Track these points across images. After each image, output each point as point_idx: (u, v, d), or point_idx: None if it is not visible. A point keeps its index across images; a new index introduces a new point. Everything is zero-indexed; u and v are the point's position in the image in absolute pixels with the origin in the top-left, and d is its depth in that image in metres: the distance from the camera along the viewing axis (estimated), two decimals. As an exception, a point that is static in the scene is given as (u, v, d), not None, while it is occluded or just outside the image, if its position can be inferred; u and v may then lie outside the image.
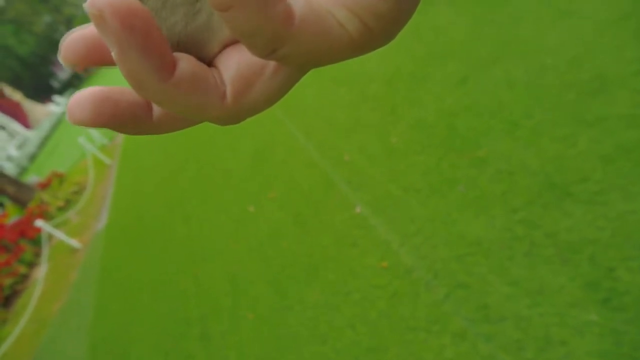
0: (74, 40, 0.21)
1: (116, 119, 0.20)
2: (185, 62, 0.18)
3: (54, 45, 39.14)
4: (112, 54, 0.17)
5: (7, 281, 5.80)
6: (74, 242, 5.70)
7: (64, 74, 42.29)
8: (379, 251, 2.29)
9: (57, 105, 26.87)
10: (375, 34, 0.18)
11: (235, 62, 0.19)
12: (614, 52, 2.13)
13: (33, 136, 23.21)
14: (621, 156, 1.74)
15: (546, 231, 1.74)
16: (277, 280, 2.68)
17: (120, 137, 9.04)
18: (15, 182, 7.99)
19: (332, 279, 2.38)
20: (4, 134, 22.87)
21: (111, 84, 0.21)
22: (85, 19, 36.50)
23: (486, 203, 2.03)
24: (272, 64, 0.19)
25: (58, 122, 24.23)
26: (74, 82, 39.00)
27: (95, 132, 9.23)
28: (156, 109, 0.21)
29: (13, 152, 20.52)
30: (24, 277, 5.98)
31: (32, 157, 19.09)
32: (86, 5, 0.16)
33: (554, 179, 1.87)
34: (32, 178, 9.73)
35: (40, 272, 5.52)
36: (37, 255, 6.10)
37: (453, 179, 2.29)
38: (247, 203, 3.60)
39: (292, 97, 4.48)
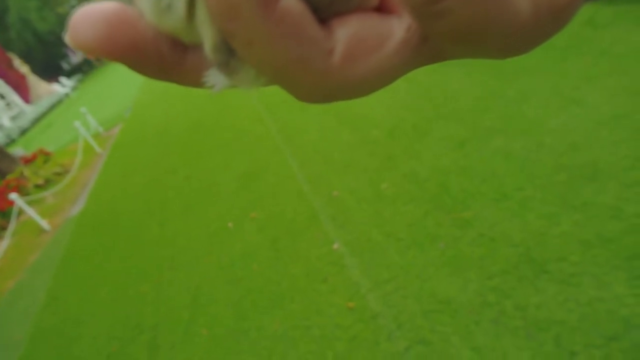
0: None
1: (135, 50, 0.16)
2: (293, 0, 0.15)
3: (74, 29, 39.44)
4: None
5: (-36, 248, 5.58)
6: (44, 223, 5.55)
7: (76, 58, 42.53)
8: (348, 291, 2.25)
9: (62, 87, 26.82)
10: (541, 25, 0.15)
11: (357, 23, 0.16)
12: (609, 145, 2.20)
13: (30, 111, 23.02)
14: (600, 244, 1.76)
15: (517, 303, 1.73)
16: (240, 302, 2.61)
17: (116, 129, 9.00)
18: (0, 150, 7.85)
19: (295, 310, 2.33)
20: (2, 103, 22.67)
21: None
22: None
23: (463, 264, 2.03)
24: (399, 36, 0.16)
25: (58, 102, 24.11)
26: (84, 68, 39.16)
27: (92, 119, 9.18)
28: (187, 52, 0.17)
29: (6, 122, 20.28)
30: (-18, 249, 5.76)
31: (24, 131, 18.85)
32: None
33: (533, 254, 1.88)
34: (17, 150, 9.58)
35: (1, 247, 5.33)
36: (3, 229, 5.91)
37: (435, 235, 2.30)
38: (227, 219, 3.56)
39: (293, 128, 4.53)
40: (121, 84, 16.51)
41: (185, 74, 0.18)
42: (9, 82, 25.44)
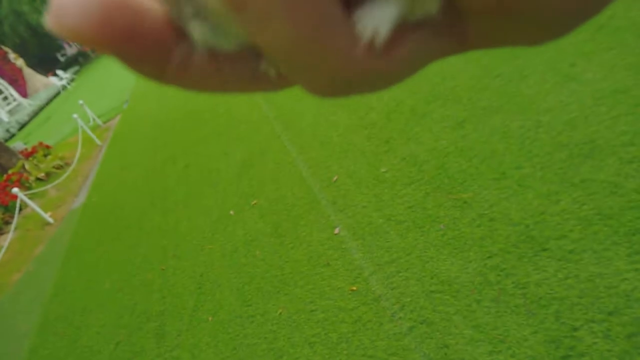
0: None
1: (132, 40, 0.13)
2: None
3: (67, 20, 39.02)
4: None
5: (-30, 243, 5.62)
6: (47, 216, 5.58)
7: (71, 50, 42.15)
8: (350, 275, 2.27)
9: (59, 79, 26.65)
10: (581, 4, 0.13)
11: None
12: (608, 121, 2.20)
13: (27, 104, 22.93)
14: (600, 221, 1.77)
15: (517, 281, 1.75)
16: (244, 288, 2.64)
17: (115, 120, 8.98)
18: (0, 145, 7.85)
19: (298, 295, 2.36)
20: (-1, 98, 22.58)
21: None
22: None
23: (463, 245, 2.05)
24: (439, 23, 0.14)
25: (56, 95, 23.99)
26: (80, 60, 38.84)
27: (90, 111, 9.15)
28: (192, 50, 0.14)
29: (4, 116, 20.22)
30: (-12, 243, 5.81)
31: (23, 125, 18.80)
32: None
33: (533, 232, 1.89)
34: (17, 144, 9.57)
35: (6, 240, 5.37)
36: (7, 223, 5.94)
37: (435, 216, 2.31)
38: (228, 206, 3.58)
39: (291, 113, 4.51)
40: (118, 75, 16.40)
41: (188, 74, 0.15)
42: (4, 76, 25.30)
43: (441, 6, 0.14)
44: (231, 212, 3.48)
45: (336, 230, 2.63)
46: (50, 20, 0.12)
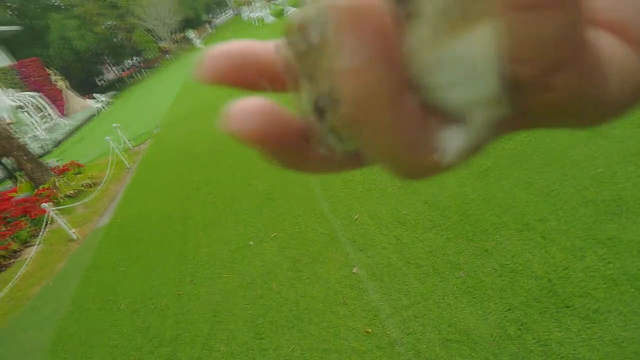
0: (219, 54, 0.20)
1: (281, 141, 0.19)
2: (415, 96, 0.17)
3: (109, 47, 41.17)
4: (343, 57, 0.15)
5: (-4, 253, 5.78)
6: (72, 232, 5.72)
7: (110, 75, 44.16)
8: (366, 316, 2.25)
9: (96, 102, 27.80)
10: (624, 101, 0.17)
11: None
12: (635, 180, 2.18)
13: (64, 124, 23.89)
14: (626, 281, 1.73)
15: (538, 337, 1.71)
16: (259, 320, 2.64)
17: (145, 145, 9.27)
18: (35, 160, 8.16)
19: (313, 332, 2.34)
20: (38, 116, 23.61)
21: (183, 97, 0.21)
22: (142, 35, 38.54)
23: (483, 295, 2.02)
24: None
25: (91, 117, 24.98)
26: (117, 85, 40.58)
27: (122, 134, 9.49)
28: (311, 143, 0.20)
29: (41, 133, 21.08)
30: (14, 254, 5.96)
31: (58, 143, 19.54)
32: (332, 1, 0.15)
33: (556, 287, 1.86)
34: (51, 161, 9.94)
35: (30, 253, 5.51)
36: (34, 236, 6.11)
37: (456, 263, 2.29)
38: (248, 237, 3.61)
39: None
40: (151, 101, 17.03)
41: (312, 163, 0.21)
42: (46, 95, 26.56)
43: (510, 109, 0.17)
44: (251, 243, 3.51)
45: (354, 270, 2.63)
46: (226, 125, 0.18)
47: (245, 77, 0.21)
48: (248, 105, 0.18)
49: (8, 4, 36.43)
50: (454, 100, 0.17)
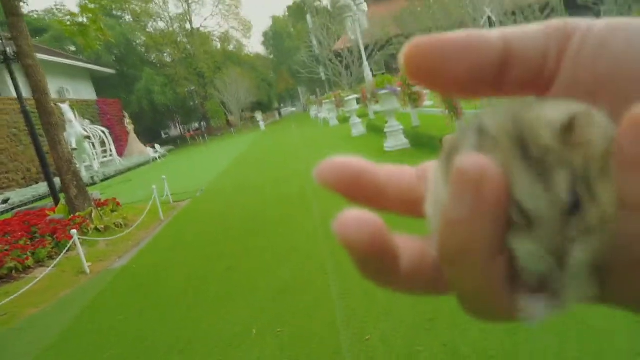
0: (335, 164, 0.23)
1: (381, 256, 0.20)
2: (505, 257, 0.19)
3: (182, 107, 44.61)
4: (450, 214, 0.19)
5: (10, 263, 5.84)
6: (87, 265, 5.74)
7: (175, 131, 47.26)
8: None
9: (154, 152, 29.49)
10: None
11: None
12: None
13: (119, 162, 25.26)
14: None
15: None
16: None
17: (184, 203, 9.54)
18: (81, 188, 8.53)
19: None
20: (99, 149, 25.20)
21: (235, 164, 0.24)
22: (215, 105, 41.72)
23: None
24: None
25: (145, 163, 26.33)
26: (178, 142, 43.19)
27: (167, 187, 9.86)
28: (404, 262, 0.22)
29: (96, 165, 22.31)
30: (24, 270, 6.00)
31: (107, 178, 20.52)
32: (462, 161, 0.18)
33: None
34: (95, 193, 10.35)
35: (42, 274, 5.53)
36: (51, 258, 6.18)
37: (463, 422, 2.07)
38: (253, 324, 3.48)
39: (344, 253, 4.54)
40: (203, 165, 17.86)
41: (402, 282, 0.23)
42: (113, 133, 28.57)
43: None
44: (253, 331, 3.37)
45: (352, 394, 2.43)
46: (336, 231, 0.20)
47: (358, 191, 0.23)
48: (358, 217, 0.20)
49: (114, 52, 41.07)
50: (546, 281, 0.19)
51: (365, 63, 22.19)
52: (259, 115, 36.97)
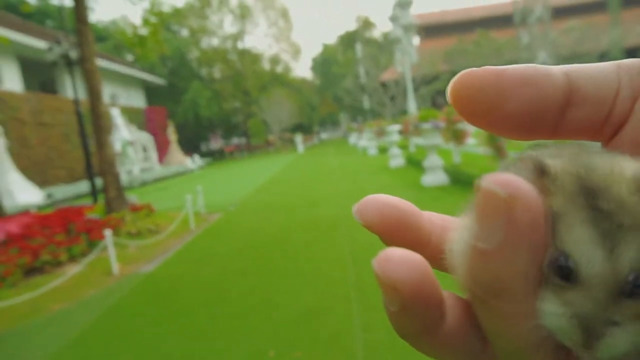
0: (379, 202, 0.21)
1: (424, 307, 0.18)
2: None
3: (225, 122, 45.83)
4: (482, 244, 0.16)
5: (45, 257, 6.01)
6: (115, 267, 5.84)
7: (215, 144, 48.52)
8: None
9: (192, 162, 30.27)
10: None
11: None
12: None
13: (156, 170, 26.04)
14: None
15: None
16: None
17: (216, 216, 9.64)
18: (120, 190, 8.79)
19: None
20: (141, 155, 26.10)
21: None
22: (257, 123, 42.78)
23: None
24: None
25: (183, 173, 27.03)
26: (217, 155, 44.23)
27: (201, 199, 10.02)
28: (449, 322, 0.19)
29: (136, 170, 23.08)
30: (57, 264, 6.16)
31: (144, 183, 21.15)
32: (488, 184, 0.16)
33: None
34: (131, 197, 10.65)
35: (71, 271, 5.65)
36: (83, 255, 6.33)
37: None
38: (272, 346, 3.39)
39: (372, 285, 4.40)
40: (239, 181, 18.13)
41: (443, 343, 0.19)
42: (156, 141, 29.58)
43: None
44: (271, 354, 3.28)
45: None
46: (376, 266, 0.17)
47: (400, 236, 0.21)
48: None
49: (168, 64, 42.98)
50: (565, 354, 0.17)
51: (411, 95, 22.23)
52: (298, 137, 37.42)
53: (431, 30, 41.36)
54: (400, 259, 0.17)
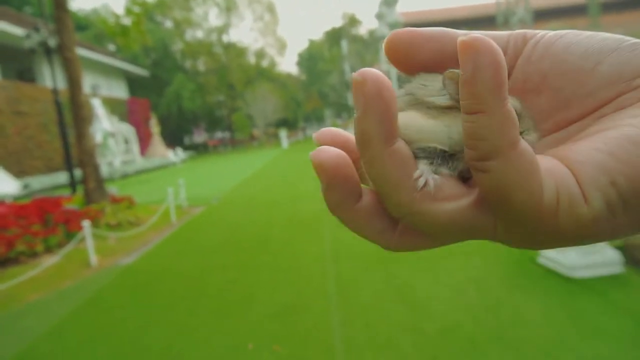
0: (328, 132, 0.28)
1: (340, 178, 0.24)
2: (404, 143, 0.24)
3: (209, 115, 45.36)
4: (355, 115, 0.22)
5: (20, 247, 5.90)
6: (94, 259, 5.76)
7: (198, 138, 47.99)
8: None
9: (174, 155, 29.91)
10: (563, 231, 0.22)
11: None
12: None
13: (138, 162, 25.66)
14: None
15: None
16: None
17: (197, 209, 9.57)
18: (99, 182, 8.66)
19: None
20: (123, 147, 25.68)
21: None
22: (241, 117, 42.51)
23: None
24: (474, 197, 0.23)
25: (165, 166, 26.70)
26: (200, 148, 43.76)
27: (183, 192, 9.93)
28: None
29: (117, 162, 22.69)
30: (33, 255, 6.05)
31: (125, 176, 20.83)
32: (354, 74, 0.22)
33: None
34: (112, 189, 10.49)
35: (47, 262, 5.56)
36: (60, 246, 6.23)
37: None
38: (250, 339, 3.41)
39: (352, 284, 4.45)
40: (221, 175, 18.00)
41: (361, 216, 0.26)
42: (138, 133, 29.11)
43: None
44: (250, 346, 3.29)
45: None
46: (311, 157, 0.24)
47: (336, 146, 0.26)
48: (329, 149, 0.24)
49: (151, 55, 42.26)
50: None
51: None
52: (283, 133, 37.18)
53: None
54: (326, 149, 0.24)
